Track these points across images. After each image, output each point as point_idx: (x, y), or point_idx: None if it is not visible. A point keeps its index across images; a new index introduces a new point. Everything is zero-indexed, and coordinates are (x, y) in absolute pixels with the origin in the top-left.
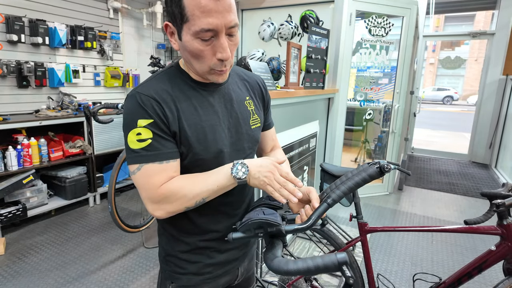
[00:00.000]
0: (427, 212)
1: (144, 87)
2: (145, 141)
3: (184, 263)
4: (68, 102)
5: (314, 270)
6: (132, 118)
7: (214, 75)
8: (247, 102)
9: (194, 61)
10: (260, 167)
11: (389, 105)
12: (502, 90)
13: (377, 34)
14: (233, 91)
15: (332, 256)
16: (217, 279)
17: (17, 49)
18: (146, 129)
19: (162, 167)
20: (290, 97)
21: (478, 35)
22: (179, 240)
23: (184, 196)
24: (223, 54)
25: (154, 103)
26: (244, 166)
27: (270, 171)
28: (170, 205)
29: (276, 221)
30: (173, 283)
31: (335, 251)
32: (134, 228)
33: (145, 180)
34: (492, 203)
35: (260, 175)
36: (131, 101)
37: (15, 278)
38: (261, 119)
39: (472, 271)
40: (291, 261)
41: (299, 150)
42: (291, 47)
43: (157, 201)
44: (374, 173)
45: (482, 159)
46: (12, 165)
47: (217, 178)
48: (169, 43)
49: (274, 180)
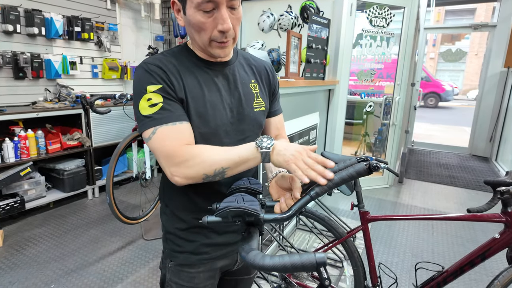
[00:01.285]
0: (427, 204)
1: (151, 59)
2: (156, 105)
3: (182, 241)
4: (65, 94)
5: (290, 268)
6: (142, 85)
7: (216, 48)
8: (252, 85)
9: (196, 35)
10: (288, 146)
11: (390, 97)
12: (503, 83)
13: (378, 25)
14: (238, 73)
15: (311, 255)
16: (214, 261)
17: (13, 39)
18: (156, 94)
19: (177, 128)
20: (290, 87)
21: (479, 27)
22: (177, 217)
23: (203, 162)
24: (224, 25)
25: (161, 71)
26: (269, 138)
27: (298, 151)
28: (189, 169)
29: (255, 210)
30: (171, 261)
31: (335, 241)
32: (133, 219)
33: (162, 142)
34: (496, 191)
35: (287, 152)
36: (139, 71)
37: (13, 270)
38: (266, 104)
39: (475, 259)
40: (267, 256)
41: (299, 141)
42: (291, 36)
43: (176, 163)
44: (362, 170)
45: (483, 152)
46: (9, 157)
47: (240, 150)
48: (167, 35)
49: (301, 160)
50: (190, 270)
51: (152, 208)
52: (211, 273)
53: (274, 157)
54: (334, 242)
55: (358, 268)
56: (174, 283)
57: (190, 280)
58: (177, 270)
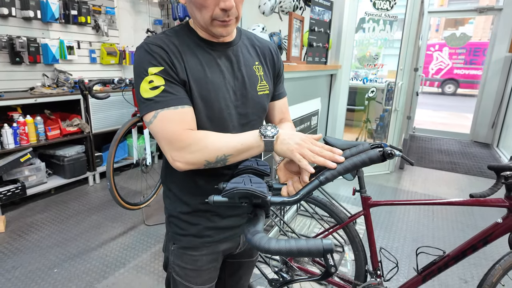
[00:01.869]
0: (428, 190)
1: (152, 38)
2: (158, 88)
3: (185, 224)
4: (63, 80)
5: (296, 253)
6: (143, 66)
7: (218, 27)
8: (255, 67)
9: (198, 13)
10: (293, 135)
11: (392, 83)
12: (507, 69)
13: (381, 8)
14: (241, 54)
15: (318, 241)
16: (217, 244)
17: (8, 23)
18: (157, 76)
19: (179, 112)
20: (292, 71)
21: (485, 10)
22: (181, 201)
23: (205, 147)
24: (226, 2)
25: (162, 51)
26: (274, 127)
27: (303, 139)
28: (190, 154)
29: (263, 193)
30: (175, 244)
31: (337, 225)
32: (135, 205)
33: (164, 126)
34: (500, 175)
35: (291, 141)
36: (139, 51)
37: (16, 255)
38: (270, 87)
39: (477, 244)
40: (273, 240)
41: (300, 127)
42: (293, 18)
43: (177, 148)
44: (375, 157)
45: (484, 139)
46: (8, 143)
47: (243, 137)
48: (166, 18)
49: (306, 148)
50: (193, 253)
51: (153, 194)
52: (214, 256)
53: (278, 146)
54: (335, 227)
55: (359, 252)
56: (177, 266)
57: (193, 262)
58: (180, 253)
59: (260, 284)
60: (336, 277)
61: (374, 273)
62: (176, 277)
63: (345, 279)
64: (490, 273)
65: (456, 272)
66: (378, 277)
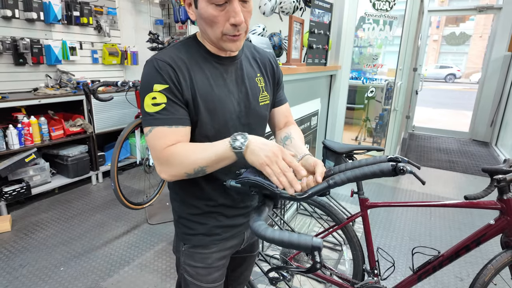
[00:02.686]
0: (426, 189)
1: (162, 54)
2: (159, 105)
3: (194, 225)
4: (66, 80)
5: (287, 244)
6: (149, 82)
7: (228, 41)
8: (257, 79)
9: (208, 28)
10: (264, 145)
11: (392, 82)
12: (506, 67)
13: (381, 9)
14: (245, 67)
15: (308, 238)
16: (225, 241)
17: (12, 25)
18: (161, 94)
19: (171, 131)
20: (292, 74)
21: (484, 9)
22: (189, 204)
23: (182, 163)
24: (236, 18)
25: (170, 69)
26: (244, 137)
27: (274, 152)
28: (171, 168)
29: (270, 185)
30: (185, 244)
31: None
32: (138, 205)
33: (154, 141)
34: (493, 179)
35: (261, 153)
36: (148, 66)
37: (23, 253)
38: (270, 97)
39: (470, 244)
40: (270, 229)
41: (300, 128)
42: (293, 21)
43: (161, 162)
44: (387, 170)
45: (483, 137)
46: (13, 143)
47: (216, 148)
48: (167, 18)
49: (275, 163)
50: (204, 251)
51: (156, 193)
52: (223, 253)
53: (248, 156)
54: (334, 227)
55: (357, 252)
56: (188, 265)
57: (203, 260)
58: (190, 253)
59: (261, 282)
60: (335, 275)
61: (372, 272)
62: (188, 277)
63: (344, 278)
64: (482, 273)
65: (452, 271)
66: (375, 276)
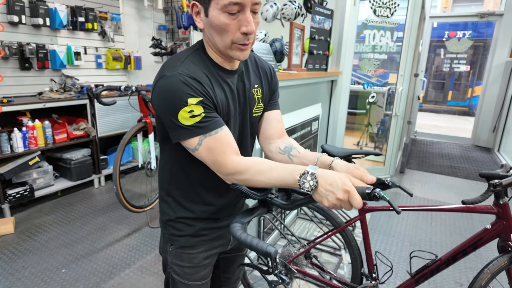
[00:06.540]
0: (427, 194)
1: (183, 68)
2: (198, 116)
3: (183, 226)
4: (70, 85)
5: (248, 245)
6: (181, 97)
7: (236, 50)
8: (254, 90)
9: (218, 37)
10: (331, 186)
11: (393, 88)
12: (508, 73)
13: (382, 15)
14: (247, 80)
15: (264, 245)
16: (212, 241)
17: (18, 30)
18: (197, 106)
19: (219, 137)
20: (292, 79)
21: (486, 15)
22: (183, 207)
23: (246, 180)
24: (248, 27)
25: (197, 83)
26: (313, 179)
27: (340, 199)
28: (235, 179)
29: (253, 193)
30: (172, 245)
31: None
32: (139, 208)
33: (211, 156)
34: (489, 183)
35: (330, 198)
36: (172, 81)
37: (26, 255)
38: (264, 107)
39: (467, 249)
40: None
41: (301, 133)
42: (294, 27)
43: (224, 173)
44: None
45: (485, 143)
46: (18, 146)
47: (284, 177)
48: (170, 24)
49: (340, 206)
50: (191, 251)
51: (157, 197)
52: (209, 253)
53: (315, 197)
54: (333, 231)
55: (355, 256)
56: (175, 265)
57: (190, 260)
58: (178, 253)
59: (260, 286)
60: (333, 279)
61: (370, 276)
62: (175, 276)
63: (342, 281)
64: (479, 277)
65: (451, 276)
66: (373, 279)
